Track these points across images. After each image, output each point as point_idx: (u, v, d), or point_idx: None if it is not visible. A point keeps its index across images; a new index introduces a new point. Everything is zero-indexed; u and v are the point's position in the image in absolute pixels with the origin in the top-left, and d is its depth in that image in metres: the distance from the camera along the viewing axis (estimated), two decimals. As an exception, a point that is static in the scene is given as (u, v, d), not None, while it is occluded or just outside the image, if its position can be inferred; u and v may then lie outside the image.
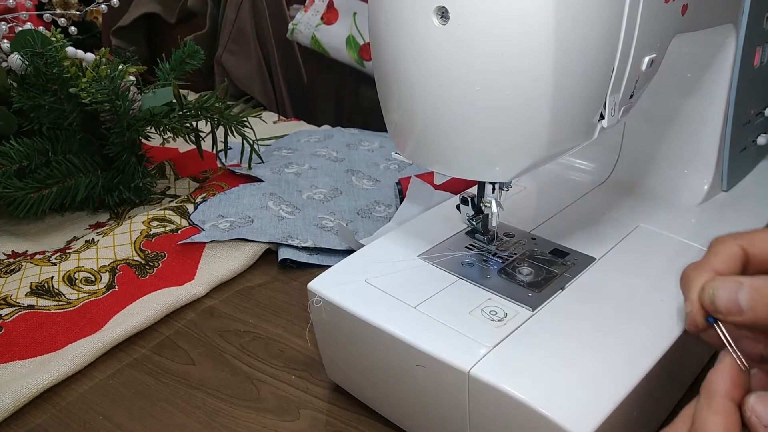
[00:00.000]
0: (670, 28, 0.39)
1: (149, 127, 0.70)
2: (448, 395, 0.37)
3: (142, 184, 0.71)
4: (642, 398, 0.36)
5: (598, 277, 0.43)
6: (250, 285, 0.60)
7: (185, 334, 0.53)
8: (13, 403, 0.45)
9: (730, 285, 0.30)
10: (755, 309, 0.29)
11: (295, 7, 1.05)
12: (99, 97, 0.63)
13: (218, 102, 0.72)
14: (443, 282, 0.42)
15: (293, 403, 0.46)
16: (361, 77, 1.03)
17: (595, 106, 0.36)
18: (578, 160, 0.57)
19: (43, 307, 0.54)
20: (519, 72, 0.32)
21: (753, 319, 0.29)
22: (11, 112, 0.67)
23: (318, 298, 0.42)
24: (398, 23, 0.34)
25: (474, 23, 0.32)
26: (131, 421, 0.45)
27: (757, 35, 0.51)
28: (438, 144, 0.36)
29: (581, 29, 0.32)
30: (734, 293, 0.30)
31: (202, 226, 0.64)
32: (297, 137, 0.87)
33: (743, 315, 0.29)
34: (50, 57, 0.64)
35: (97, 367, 0.50)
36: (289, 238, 0.62)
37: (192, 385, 0.48)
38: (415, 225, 0.49)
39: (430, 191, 0.67)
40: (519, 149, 0.35)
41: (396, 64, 0.35)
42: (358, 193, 0.72)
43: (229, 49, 1.05)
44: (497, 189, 0.41)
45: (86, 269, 0.59)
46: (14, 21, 0.74)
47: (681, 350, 0.39)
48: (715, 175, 0.52)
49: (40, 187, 0.65)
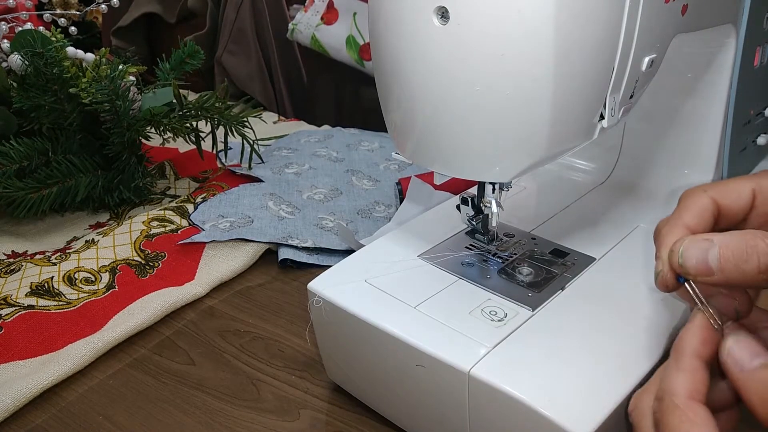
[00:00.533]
0: (670, 28, 0.39)
1: (149, 127, 0.70)
2: (448, 395, 0.37)
3: (142, 184, 0.71)
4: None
5: (598, 277, 0.43)
6: (250, 285, 0.60)
7: (185, 334, 0.53)
8: (13, 403, 0.45)
9: (700, 245, 0.29)
10: (725, 270, 0.28)
11: (295, 7, 1.05)
12: (99, 97, 0.63)
13: (218, 102, 0.72)
14: (443, 282, 0.42)
15: (293, 403, 0.46)
16: (361, 77, 1.03)
17: (595, 107, 0.36)
18: (578, 160, 0.57)
19: (43, 307, 0.54)
20: (519, 72, 0.32)
21: (723, 279, 0.29)
22: (11, 112, 0.67)
23: (318, 298, 0.42)
24: (398, 23, 0.34)
25: (474, 23, 0.32)
26: (131, 421, 0.45)
27: (757, 35, 0.51)
28: (438, 144, 0.36)
29: (581, 29, 0.32)
30: (704, 253, 0.29)
31: (202, 226, 0.64)
32: (297, 137, 0.87)
33: (713, 276, 0.29)
34: (50, 57, 0.64)
35: (97, 367, 0.50)
36: (289, 238, 0.62)
37: (192, 385, 0.48)
38: (415, 225, 0.49)
39: (430, 191, 0.67)
40: (519, 149, 0.35)
41: (396, 64, 0.35)
42: (358, 193, 0.72)
43: (229, 49, 1.05)
44: (497, 189, 0.41)
45: (86, 269, 0.59)
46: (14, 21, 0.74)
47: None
48: (715, 175, 0.52)
49: (40, 187, 0.65)
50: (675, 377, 0.29)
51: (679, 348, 0.30)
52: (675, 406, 0.28)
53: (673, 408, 0.28)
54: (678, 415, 0.27)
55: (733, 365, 0.28)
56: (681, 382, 0.28)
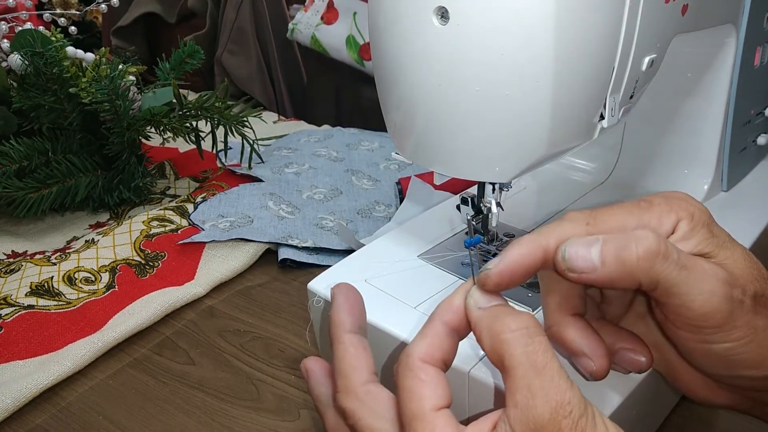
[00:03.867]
0: (670, 28, 0.39)
1: (149, 127, 0.70)
2: (448, 395, 0.36)
3: (142, 184, 0.71)
4: (641, 398, 0.36)
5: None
6: (250, 285, 0.60)
7: (185, 334, 0.53)
8: (13, 403, 0.45)
9: (584, 240, 0.30)
10: (606, 262, 0.29)
11: (295, 7, 1.05)
12: (99, 97, 0.63)
13: (218, 102, 0.72)
14: (443, 282, 0.42)
15: (293, 403, 0.46)
16: (361, 77, 1.03)
17: (595, 107, 0.36)
18: (578, 160, 0.57)
19: (43, 307, 0.54)
20: (519, 72, 0.32)
21: (606, 274, 0.29)
22: (11, 112, 0.67)
23: (318, 298, 0.42)
24: (398, 23, 0.34)
25: (474, 23, 0.32)
26: (131, 421, 0.45)
27: (757, 35, 0.51)
28: (438, 144, 0.36)
29: (581, 29, 0.32)
30: (587, 249, 0.29)
31: (202, 226, 0.64)
32: (297, 137, 0.87)
33: (596, 271, 0.29)
34: (50, 57, 0.64)
35: (97, 367, 0.50)
36: (289, 238, 0.62)
37: (192, 385, 0.48)
38: (415, 225, 0.49)
39: (430, 191, 0.67)
40: (519, 149, 0.35)
41: (396, 64, 0.35)
42: (358, 193, 0.72)
43: (229, 49, 1.05)
44: (497, 189, 0.41)
45: (86, 269, 0.59)
46: (14, 21, 0.74)
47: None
48: (715, 175, 0.52)
49: (40, 187, 0.65)
50: (414, 341, 0.31)
51: (431, 314, 0.31)
52: (408, 368, 0.30)
53: (406, 370, 0.30)
54: (410, 376, 0.29)
55: (472, 305, 0.30)
56: (417, 345, 0.30)
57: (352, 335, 0.34)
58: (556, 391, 0.26)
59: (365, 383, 0.32)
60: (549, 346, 0.28)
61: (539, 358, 0.27)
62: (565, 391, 0.26)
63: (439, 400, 0.29)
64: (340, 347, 0.33)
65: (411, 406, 0.29)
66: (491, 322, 0.29)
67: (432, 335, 0.30)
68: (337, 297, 0.35)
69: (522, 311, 0.29)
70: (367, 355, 0.33)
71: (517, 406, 0.27)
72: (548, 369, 0.27)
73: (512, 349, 0.28)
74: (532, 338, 0.28)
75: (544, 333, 0.28)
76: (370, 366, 0.33)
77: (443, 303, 0.32)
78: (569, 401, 0.26)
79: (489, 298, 0.30)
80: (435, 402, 0.29)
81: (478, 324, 0.30)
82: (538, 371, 0.27)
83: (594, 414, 0.27)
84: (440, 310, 0.31)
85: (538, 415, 0.26)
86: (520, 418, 0.26)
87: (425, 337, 0.30)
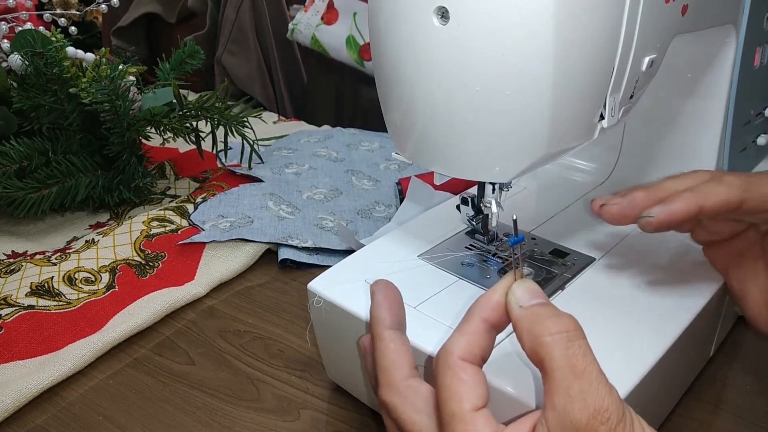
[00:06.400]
0: (670, 28, 0.39)
1: (149, 127, 0.70)
2: (448, 395, 0.36)
3: (142, 184, 0.71)
4: (641, 398, 0.36)
5: (598, 277, 0.43)
6: (250, 285, 0.60)
7: (185, 334, 0.53)
8: (13, 403, 0.45)
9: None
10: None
11: (295, 7, 1.05)
12: (99, 97, 0.63)
13: (218, 102, 0.72)
14: (443, 282, 0.42)
15: (293, 403, 0.46)
16: (361, 77, 1.03)
17: (595, 107, 0.36)
18: (578, 160, 0.57)
19: (43, 307, 0.54)
20: (519, 72, 0.32)
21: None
22: (11, 112, 0.67)
23: (318, 298, 0.42)
24: (398, 23, 0.34)
25: (474, 23, 0.32)
26: (131, 421, 0.45)
27: (757, 35, 0.51)
28: (438, 144, 0.36)
29: (581, 30, 0.32)
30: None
31: (202, 226, 0.64)
32: (297, 137, 0.87)
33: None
34: (50, 57, 0.64)
35: (97, 367, 0.50)
36: (289, 238, 0.62)
37: (192, 385, 0.48)
38: (415, 225, 0.49)
39: (430, 191, 0.67)
40: (519, 149, 0.35)
41: (396, 64, 0.35)
42: (358, 193, 0.72)
43: (229, 49, 1.06)
44: (497, 189, 0.41)
45: (86, 269, 0.59)
46: (14, 21, 0.74)
47: (680, 351, 0.39)
48: (715, 176, 0.52)
49: (40, 187, 0.65)
50: (454, 338, 0.31)
51: (470, 310, 0.31)
52: (448, 366, 0.30)
53: (446, 368, 0.30)
54: (450, 375, 0.29)
55: (514, 303, 0.30)
56: (457, 343, 0.30)
57: (392, 331, 0.34)
58: (595, 396, 0.26)
59: (406, 378, 0.32)
60: (589, 349, 0.28)
61: (579, 362, 0.27)
62: (603, 397, 0.26)
63: (478, 400, 0.29)
64: (381, 344, 0.33)
65: (451, 406, 0.29)
66: (532, 323, 0.29)
67: (471, 332, 0.30)
68: (376, 294, 0.35)
69: (563, 313, 0.29)
70: (407, 351, 0.33)
71: (555, 409, 0.27)
72: (587, 373, 0.27)
73: (552, 352, 0.28)
74: (572, 342, 0.28)
75: (584, 336, 0.28)
76: (411, 361, 0.33)
77: (482, 299, 0.31)
78: (607, 407, 0.26)
79: (530, 296, 0.30)
80: (474, 402, 0.29)
81: (518, 323, 0.30)
82: (577, 375, 0.27)
83: (633, 419, 0.27)
84: (479, 306, 0.31)
85: (575, 420, 0.26)
86: (558, 421, 0.27)
87: (465, 335, 0.30)
